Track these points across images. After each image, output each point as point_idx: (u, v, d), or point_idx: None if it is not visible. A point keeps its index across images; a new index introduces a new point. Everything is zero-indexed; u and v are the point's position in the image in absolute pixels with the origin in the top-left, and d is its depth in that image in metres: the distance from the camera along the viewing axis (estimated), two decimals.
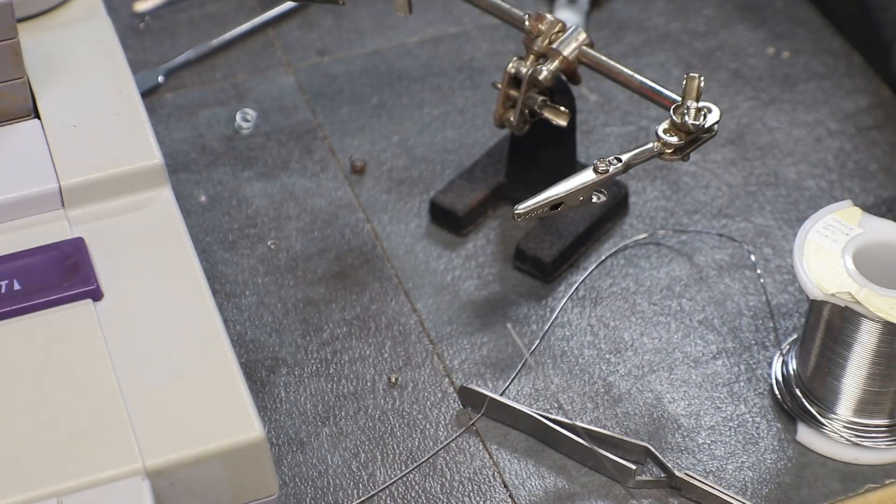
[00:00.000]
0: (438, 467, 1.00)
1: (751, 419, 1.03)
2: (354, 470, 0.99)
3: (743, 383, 1.05)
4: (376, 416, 1.03)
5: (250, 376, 1.04)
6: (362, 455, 1.00)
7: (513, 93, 1.08)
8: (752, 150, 1.21)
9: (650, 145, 1.00)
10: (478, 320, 1.09)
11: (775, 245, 1.14)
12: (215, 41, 1.29)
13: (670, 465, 0.99)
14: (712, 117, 0.99)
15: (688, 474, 0.98)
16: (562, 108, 1.08)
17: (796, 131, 1.23)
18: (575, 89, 1.12)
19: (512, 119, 1.09)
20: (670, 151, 0.99)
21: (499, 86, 1.09)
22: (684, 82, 0.98)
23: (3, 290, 0.90)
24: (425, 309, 1.09)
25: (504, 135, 1.18)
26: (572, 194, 0.98)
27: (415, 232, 1.15)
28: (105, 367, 0.86)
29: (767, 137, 1.22)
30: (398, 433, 1.02)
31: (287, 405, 1.03)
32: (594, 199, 0.99)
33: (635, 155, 0.99)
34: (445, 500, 0.98)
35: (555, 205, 0.98)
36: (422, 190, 1.18)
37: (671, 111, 0.99)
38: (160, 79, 1.26)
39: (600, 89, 1.25)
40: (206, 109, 1.24)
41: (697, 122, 0.98)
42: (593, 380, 1.05)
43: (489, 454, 1.01)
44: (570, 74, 1.07)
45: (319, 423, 1.02)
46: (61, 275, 0.91)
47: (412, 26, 1.32)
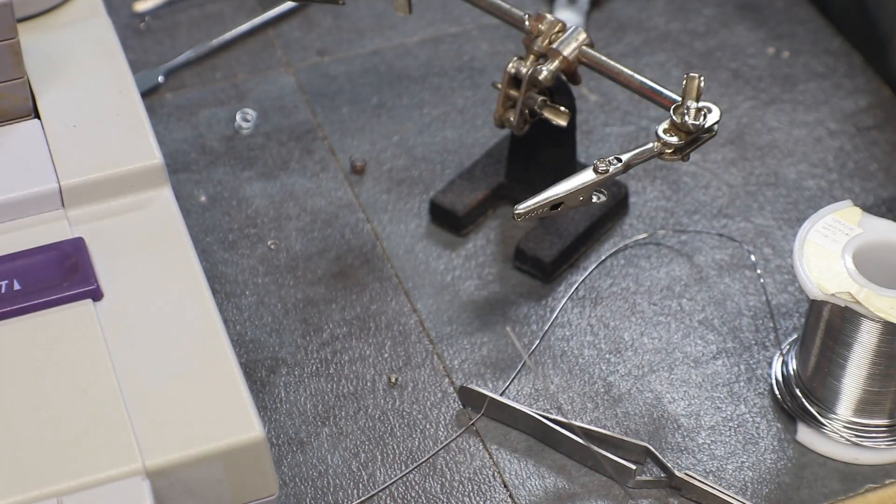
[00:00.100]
0: (438, 467, 1.00)
1: (751, 419, 1.03)
2: (354, 470, 0.99)
3: (743, 383, 1.05)
4: (376, 416, 1.02)
5: (250, 376, 1.04)
6: (362, 455, 1.00)
7: (513, 93, 1.08)
8: (752, 150, 1.21)
9: (650, 145, 1.00)
10: (478, 320, 1.09)
11: (775, 245, 1.14)
12: (215, 41, 1.29)
13: (670, 465, 0.99)
14: (712, 117, 0.99)
15: (688, 474, 0.98)
16: (562, 108, 1.08)
17: (796, 131, 1.23)
18: (575, 89, 1.12)
19: (512, 119, 1.09)
20: (670, 151, 0.99)
21: (499, 86, 1.09)
22: (684, 82, 0.98)
23: (3, 290, 0.90)
24: (425, 309, 1.09)
25: (504, 135, 1.18)
26: (572, 194, 0.98)
27: (415, 232, 1.15)
28: (105, 367, 0.86)
29: (767, 137, 1.22)
30: (398, 433, 1.02)
31: (287, 405, 1.03)
32: (594, 199, 0.99)
33: (635, 155, 0.99)
34: (445, 500, 0.98)
35: (555, 205, 0.98)
36: (422, 190, 1.18)
37: (671, 111, 0.99)
38: (160, 79, 1.25)
39: (600, 89, 1.25)
40: (206, 109, 1.24)
41: (697, 122, 0.98)
42: (593, 380, 1.05)
43: (489, 454, 1.01)
44: (570, 74, 1.07)
45: (319, 423, 1.02)
46: (61, 275, 0.91)
47: (412, 26, 1.32)
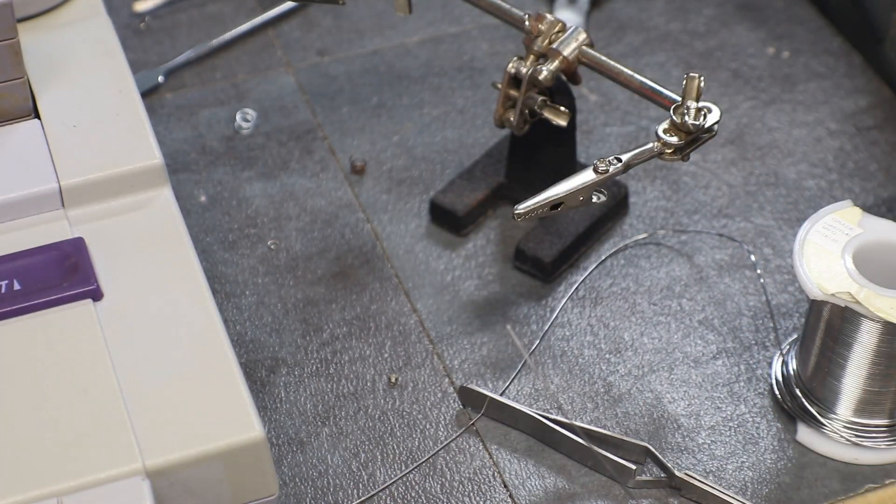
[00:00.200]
0: (438, 467, 1.00)
1: (751, 419, 1.03)
2: (354, 470, 0.99)
3: (743, 383, 1.05)
4: (376, 416, 1.02)
5: (250, 376, 1.04)
6: (362, 455, 1.00)
7: (513, 93, 1.08)
8: (752, 150, 1.21)
9: (650, 145, 1.00)
10: (478, 320, 1.09)
11: (775, 245, 1.14)
12: (215, 41, 1.29)
13: (670, 465, 0.99)
14: (712, 117, 0.99)
15: (688, 474, 0.98)
16: (562, 108, 1.08)
17: (796, 131, 1.23)
18: (575, 89, 1.12)
19: (512, 119, 1.09)
20: (670, 151, 0.99)
21: (499, 86, 1.09)
22: (684, 82, 0.98)
23: (3, 290, 0.90)
24: (425, 309, 1.09)
25: (504, 135, 1.18)
26: (572, 194, 0.98)
27: (415, 232, 1.15)
28: (105, 367, 0.86)
29: (767, 137, 1.22)
30: (398, 433, 1.02)
31: (287, 405, 1.03)
32: (594, 199, 0.99)
33: (635, 155, 0.99)
34: (445, 500, 0.98)
35: (555, 205, 0.98)
36: (422, 190, 1.18)
37: (671, 111, 0.99)
38: (160, 79, 1.25)
39: (600, 89, 1.25)
40: (206, 109, 1.24)
41: (697, 122, 0.98)
42: (593, 380, 1.05)
43: (489, 454, 1.01)
44: (570, 74, 1.07)
45: (319, 423, 1.02)
46: (61, 275, 0.91)
47: (412, 26, 1.32)
